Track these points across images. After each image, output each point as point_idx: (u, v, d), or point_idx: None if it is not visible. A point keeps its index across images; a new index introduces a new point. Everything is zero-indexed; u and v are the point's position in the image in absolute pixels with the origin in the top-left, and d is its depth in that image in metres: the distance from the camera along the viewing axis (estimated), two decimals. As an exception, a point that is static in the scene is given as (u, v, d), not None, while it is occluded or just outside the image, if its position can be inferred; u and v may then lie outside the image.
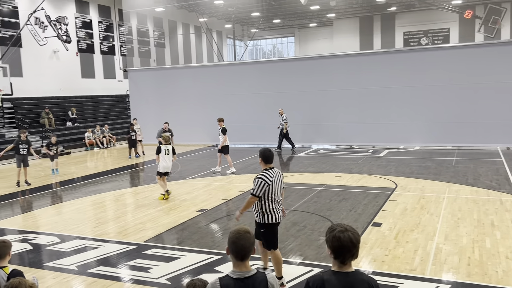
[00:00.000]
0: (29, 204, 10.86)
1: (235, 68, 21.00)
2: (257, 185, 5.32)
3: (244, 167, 15.08)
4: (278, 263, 5.55)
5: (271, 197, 5.38)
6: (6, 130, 21.12)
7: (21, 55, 23.06)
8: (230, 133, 20.21)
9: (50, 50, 24.73)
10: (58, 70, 25.19)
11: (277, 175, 5.47)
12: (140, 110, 22.37)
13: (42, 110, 22.72)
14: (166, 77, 22.20)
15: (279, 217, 5.51)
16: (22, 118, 21.69)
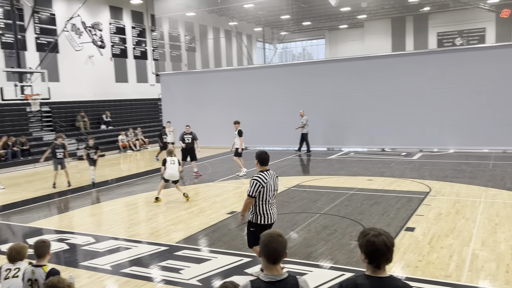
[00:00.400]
0: (65, 205, 11.18)
1: (265, 71, 21.02)
2: (252, 186, 5.49)
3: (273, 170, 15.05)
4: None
5: (265, 198, 5.55)
6: (44, 133, 21.84)
7: (58, 61, 23.83)
8: (259, 135, 20.37)
9: (85, 56, 25.45)
10: (93, 75, 25.89)
11: (272, 177, 5.67)
12: (171, 113, 22.70)
13: (77, 114, 23.39)
14: (196, 80, 22.46)
15: (271, 219, 5.67)
16: (59, 122, 22.40)
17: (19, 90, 18.83)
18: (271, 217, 5.67)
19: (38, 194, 12.63)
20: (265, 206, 5.59)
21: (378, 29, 38.86)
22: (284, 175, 13.75)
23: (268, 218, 5.64)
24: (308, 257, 6.61)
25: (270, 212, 5.64)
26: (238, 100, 20.93)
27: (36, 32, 22.85)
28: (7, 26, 21.19)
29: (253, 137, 20.48)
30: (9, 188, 13.69)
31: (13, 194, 12.75)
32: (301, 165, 15.48)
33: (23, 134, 19.75)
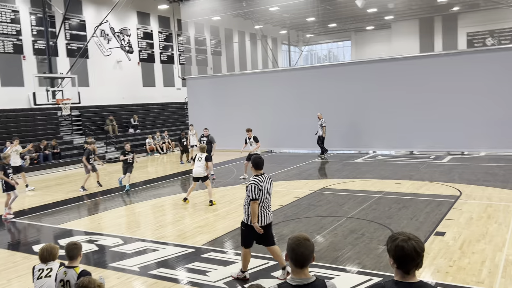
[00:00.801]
0: (94, 207, 11.41)
1: (290, 74, 20.99)
2: (250, 190, 5.74)
3: (299, 173, 14.99)
4: (244, 259, 6.05)
5: (260, 200, 5.76)
6: (74, 137, 22.38)
7: (88, 66, 24.40)
8: (284, 138, 20.34)
9: (113, 61, 25.98)
10: (121, 79, 26.40)
11: (267, 181, 5.90)
12: (198, 117, 22.92)
13: (106, 118, 23.88)
14: (222, 84, 22.61)
15: (264, 221, 5.85)
16: (88, 125, 22.93)
17: (51, 95, 19.39)
18: (264, 219, 5.86)
19: (68, 196, 12.94)
20: (260, 208, 5.80)
21: (406, 30, 38.24)
22: (310, 178, 13.67)
23: (261, 220, 5.83)
24: (335, 261, 6.54)
25: (264, 214, 5.85)
26: (263, 103, 20.96)
27: (66, 38, 23.47)
28: (39, 33, 21.86)
29: (277, 140, 20.49)
30: (40, 190, 14.07)
31: (44, 196, 13.11)
32: (327, 168, 15.36)
33: (54, 138, 20.29)
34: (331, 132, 19.13)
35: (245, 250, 6.03)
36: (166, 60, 29.92)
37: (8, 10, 20.67)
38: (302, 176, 14.36)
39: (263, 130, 19.46)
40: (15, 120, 20.34)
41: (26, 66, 21.46)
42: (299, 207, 9.86)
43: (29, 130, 20.50)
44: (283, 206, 10.07)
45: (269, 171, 15.09)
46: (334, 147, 19.32)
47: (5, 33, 20.62)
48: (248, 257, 6.06)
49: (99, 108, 24.71)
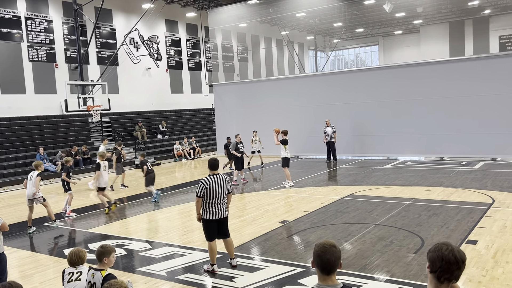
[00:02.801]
0: (123, 212, 11.61)
1: (317, 79, 20.89)
2: (198, 188, 6.47)
3: (326, 179, 14.87)
4: (210, 252, 6.66)
5: (209, 197, 6.40)
6: (104, 143, 22.89)
7: (118, 73, 24.96)
8: (311, 144, 20.24)
9: (143, 68, 26.49)
10: (150, 86, 26.88)
11: (219, 181, 6.45)
12: (224, 123, 23.08)
13: (135, 124, 24.33)
14: (248, 90, 22.70)
15: (216, 215, 6.47)
16: (118, 131, 23.40)
17: (82, 102, 19.89)
18: (215, 214, 6.48)
19: (98, 201, 13.19)
20: (210, 204, 6.44)
21: (435, 34, 37.55)
22: (337, 184, 13.54)
23: (212, 214, 6.47)
24: (363, 269, 6.44)
25: (215, 209, 6.47)
26: (290, 108, 20.93)
27: (97, 46, 24.10)
28: (71, 41, 22.52)
29: (304, 145, 20.40)
30: (72, 195, 14.41)
31: (74, 201, 13.39)
32: (355, 174, 15.18)
33: (85, 144, 20.79)
34: (360, 138, 18.97)
35: (209, 243, 6.63)
36: (193, 67, 30.30)
37: (42, 20, 21.39)
38: (329, 182, 14.24)
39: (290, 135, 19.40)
40: (48, 127, 20.96)
41: (59, 74, 22.12)
42: (326, 214, 9.77)
43: (60, 136, 21.09)
44: (310, 212, 10.00)
45: (296, 177, 15.06)
46: (362, 153, 19.12)
47: (39, 42, 21.35)
48: (214, 249, 6.64)
49: (128, 115, 25.21)
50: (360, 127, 19.01)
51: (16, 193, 15.72)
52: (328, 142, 18.34)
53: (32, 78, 21.09)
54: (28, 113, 20.73)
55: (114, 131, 23.42)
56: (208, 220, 6.51)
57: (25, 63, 20.83)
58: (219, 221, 6.57)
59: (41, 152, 18.31)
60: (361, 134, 19.01)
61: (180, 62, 29.34)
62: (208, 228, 6.57)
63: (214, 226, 6.55)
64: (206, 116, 29.96)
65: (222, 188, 6.48)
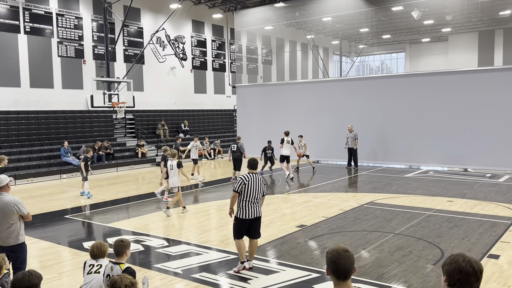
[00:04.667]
0: (142, 208, 11.73)
1: (341, 84, 20.73)
2: (236, 183, 6.54)
3: (346, 185, 14.74)
4: (239, 249, 6.73)
5: (246, 195, 6.47)
6: (127, 139, 23.20)
7: (143, 71, 25.28)
8: (332, 149, 20.09)
9: (168, 67, 26.77)
10: (174, 85, 27.15)
11: (256, 180, 6.54)
12: (245, 125, 23.11)
13: (158, 122, 24.60)
14: (271, 93, 22.68)
15: (250, 215, 6.52)
16: (141, 129, 23.70)
17: (107, 98, 20.19)
18: (249, 214, 6.53)
19: (118, 196, 13.39)
20: (246, 203, 6.50)
21: (464, 43, 36.85)
22: (357, 191, 13.41)
23: (247, 214, 6.52)
24: (380, 277, 6.35)
25: (250, 209, 6.52)
26: (312, 112, 20.82)
27: (124, 44, 24.46)
28: (99, 38, 22.93)
29: (325, 150, 20.27)
30: (93, 190, 14.64)
31: (96, 195, 13.63)
32: (375, 181, 15.01)
33: (108, 140, 21.10)
34: (382, 145, 18.74)
35: (237, 241, 6.71)
36: (217, 68, 30.47)
37: (72, 16, 21.85)
38: (349, 188, 14.12)
39: (311, 139, 19.34)
40: (73, 122, 21.37)
41: (86, 70, 22.54)
42: (344, 220, 9.68)
43: (85, 131, 21.47)
44: (328, 218, 9.92)
45: (315, 182, 14.96)
46: (384, 160, 18.90)
47: (69, 38, 21.80)
48: (242, 246, 6.72)
49: (151, 113, 25.50)
50: (383, 134, 18.78)
51: (40, 185, 16.08)
52: (350, 148, 18.20)
53: (60, 73, 21.55)
54: (55, 107, 21.17)
55: (137, 128, 23.73)
56: (242, 219, 6.57)
57: (54, 59, 21.29)
58: (252, 221, 6.62)
59: (66, 146, 18.67)
60: (383, 141, 18.77)
61: (205, 62, 29.55)
62: (239, 226, 6.63)
63: (246, 225, 6.61)
64: (228, 117, 30.08)
65: (259, 188, 6.55)
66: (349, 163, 18.44)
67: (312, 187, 14.27)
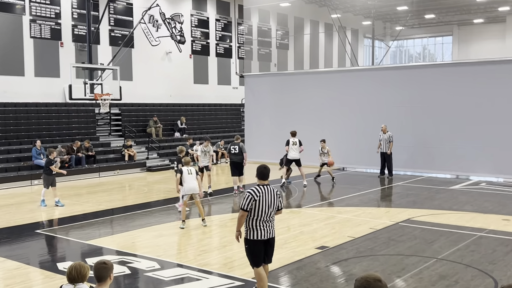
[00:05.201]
0: (130, 222, 11.79)
1: (373, 75, 20.68)
2: (244, 199, 6.40)
3: (378, 198, 14.69)
4: (260, 281, 6.55)
5: (257, 213, 6.37)
6: (112, 138, 23.36)
7: (132, 57, 25.48)
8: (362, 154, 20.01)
9: (162, 52, 26.95)
10: (169, 74, 27.30)
11: (269, 193, 6.43)
12: (255, 122, 23.16)
13: (150, 118, 24.75)
14: (287, 84, 22.71)
15: (264, 235, 6.44)
16: (129, 126, 23.83)
17: (89, 89, 20.35)
18: (263, 233, 6.45)
19: (101, 207, 13.49)
20: (257, 222, 6.44)
21: (526, 24, 36.56)
22: (391, 206, 13.36)
23: (260, 234, 6.44)
24: (418, 313, 6.31)
25: (263, 228, 6.46)
26: (337, 109, 20.80)
27: (110, 24, 24.67)
28: (80, 17, 23.12)
29: (352, 155, 20.19)
30: (69, 199, 14.77)
31: (74, 205, 13.74)
32: (414, 194, 14.94)
33: (90, 139, 21.24)
34: (424, 150, 18.64)
35: (256, 270, 6.53)
36: (222, 53, 30.59)
37: (48, -10, 22.06)
38: (382, 202, 14.06)
39: (335, 142, 19.31)
40: (47, 116, 21.60)
41: (63, 55, 22.76)
42: (375, 241, 9.65)
43: (61, 128, 21.67)
44: (356, 238, 9.90)
45: (340, 194, 14.92)
46: (426, 168, 18.81)
47: (43, 15, 22.01)
48: (263, 276, 6.54)
49: (142, 107, 25.68)
50: (424, 136, 18.67)
51: (7, 193, 16.26)
52: (383, 153, 18.14)
53: (32, 58, 21.79)
54: (26, 99, 21.41)
55: (124, 125, 23.88)
56: (254, 240, 6.46)
57: (26, 40, 21.53)
58: (266, 242, 6.55)
59: (38, 146, 18.86)
60: (425, 145, 18.65)
61: (207, 46, 29.68)
62: (254, 251, 6.52)
63: (261, 247, 6.52)
64: (234, 113, 30.18)
65: (272, 203, 6.47)
66: (382, 171, 18.38)
67: (336, 200, 14.24)
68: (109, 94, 20.79)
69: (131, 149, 21.71)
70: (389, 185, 16.80)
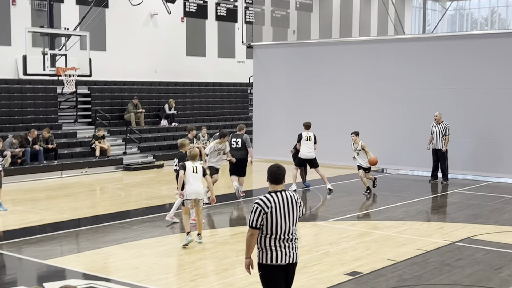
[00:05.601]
0: (101, 236, 11.80)
1: (424, 45, 20.51)
2: (251, 213, 6.14)
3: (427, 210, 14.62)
4: None
5: (270, 229, 6.12)
6: (79, 127, 23.38)
7: (106, 20, 25.44)
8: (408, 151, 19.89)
9: (145, 13, 26.92)
10: (154, 43, 27.27)
11: (285, 202, 6.16)
12: (267, 107, 23.07)
13: (129, 101, 24.73)
14: (310, 57, 22.58)
15: (282, 258, 6.13)
16: (101, 111, 23.76)
17: (49, 61, 20.29)
18: (282, 256, 6.16)
19: (64, 217, 13.50)
20: (272, 240, 6.18)
21: None
22: (446, 220, 13.33)
23: (276, 256, 6.15)
24: None
25: (280, 248, 6.18)
26: (375, 90, 20.66)
27: (78, -24, 24.63)
28: (39, -34, 23.11)
29: (394, 153, 20.06)
30: (23, 205, 14.80)
31: (28, 214, 13.76)
32: (476, 205, 14.87)
33: (50, 127, 21.15)
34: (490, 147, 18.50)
35: None
36: (224, 16, 30.54)
37: None
38: (433, 215, 14.01)
39: (371, 135, 19.24)
40: (-5, 97, 21.65)
41: (16, 16, 22.74)
42: (424, 267, 9.62)
43: (12, 112, 21.69)
44: (398, 262, 9.87)
45: (379, 203, 14.87)
46: (492, 171, 18.70)
47: (-9, -35, 22.00)
48: None
49: (118, 85, 25.70)
50: (490, 129, 18.54)
51: None
52: (436, 150, 18.01)
53: (-24, 20, 21.81)
54: (-33, 74, 21.50)
55: (95, 110, 23.83)
56: (270, 265, 6.18)
57: (-33, -3, 21.55)
58: (287, 268, 6.27)
59: (-18, 135, 18.93)
60: (491, 140, 18.52)
61: (204, 7, 29.64)
62: (271, 279, 6.27)
63: (280, 275, 6.25)
64: (239, 95, 30.13)
65: (291, 215, 6.20)
66: (435, 174, 18.27)
67: (373, 212, 14.17)
68: (75, 68, 20.76)
69: (103, 141, 21.67)
70: (443, 193, 16.74)
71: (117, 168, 21.35)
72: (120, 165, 21.51)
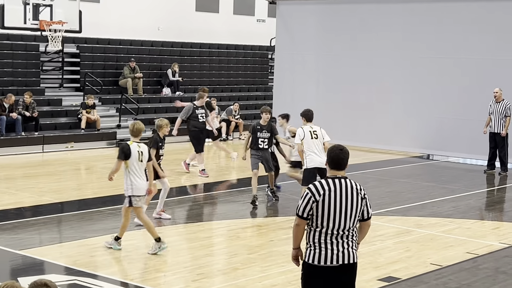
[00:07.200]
0: (88, 224, 11.88)
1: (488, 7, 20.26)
2: (301, 200, 6.09)
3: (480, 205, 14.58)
4: None
5: (321, 222, 6.03)
6: (64, 93, 23.41)
7: (101, -35, 25.42)
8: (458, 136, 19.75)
9: (148, -42, 26.87)
10: (157, -5, 27.27)
11: (344, 191, 6.05)
12: (291, 77, 22.97)
13: (125, 64, 24.73)
14: (346, 16, 22.43)
15: (334, 258, 6.03)
16: (91, 75, 23.77)
17: (31, 13, 20.30)
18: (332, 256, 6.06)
19: (44, 199, 13.57)
20: (322, 236, 6.10)
21: None
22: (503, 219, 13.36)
23: (326, 255, 6.06)
24: None
25: (331, 246, 6.07)
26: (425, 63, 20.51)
27: None
28: None
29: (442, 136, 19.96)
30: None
31: (2, 195, 13.79)
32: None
33: (31, 92, 21.20)
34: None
35: None
36: (243, -36, 30.37)
37: None
38: (488, 213, 14.03)
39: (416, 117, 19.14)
40: (-34, 54, 21.75)
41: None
42: (475, 273, 9.62)
43: (-12, 73, 21.80)
44: (443, 267, 9.86)
45: (422, 196, 14.83)
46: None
47: None
48: None
49: (113, 45, 25.69)
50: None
51: None
52: (493, 134, 17.88)
53: None
54: None
55: (84, 73, 23.80)
56: (316, 266, 6.13)
57: None
58: (340, 270, 6.20)
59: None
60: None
61: (220, -48, 29.51)
62: (313, 283, 6.26)
63: (327, 279, 6.20)
64: (258, 61, 30.03)
65: (350, 207, 6.12)
66: (491, 164, 18.15)
67: (414, 206, 14.10)
68: (62, 22, 20.75)
69: (93, 111, 21.65)
70: (500, 186, 16.70)
71: (109, 143, 21.36)
72: (112, 140, 21.50)
